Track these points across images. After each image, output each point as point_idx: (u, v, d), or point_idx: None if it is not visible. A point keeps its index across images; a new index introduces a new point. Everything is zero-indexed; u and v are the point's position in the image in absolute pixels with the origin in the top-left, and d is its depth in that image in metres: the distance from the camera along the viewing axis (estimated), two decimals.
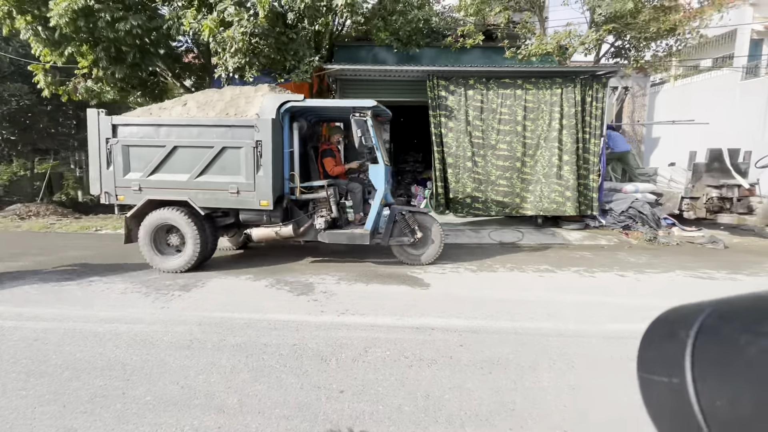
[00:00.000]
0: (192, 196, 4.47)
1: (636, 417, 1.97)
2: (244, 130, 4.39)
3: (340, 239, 4.77)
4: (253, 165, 4.38)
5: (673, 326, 0.41)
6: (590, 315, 3.32)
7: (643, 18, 6.79)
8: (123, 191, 4.61)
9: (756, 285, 4.22)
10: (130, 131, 4.58)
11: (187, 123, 4.50)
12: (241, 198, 4.47)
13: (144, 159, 4.53)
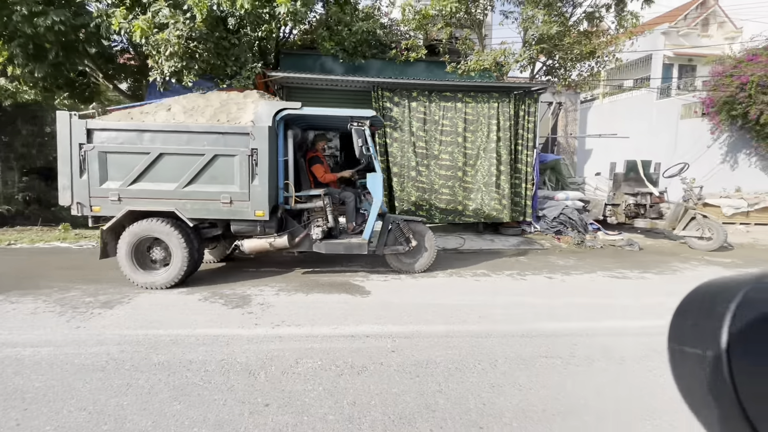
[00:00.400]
0: (180, 206, 4.19)
1: (545, 411, 2.14)
2: (239, 137, 4.19)
3: (338, 249, 4.69)
4: (248, 174, 4.18)
5: (711, 298, 0.40)
6: (518, 316, 3.53)
7: (568, 41, 7.45)
8: (99, 202, 4.20)
9: (662, 282, 4.73)
10: (109, 136, 4.17)
11: (176, 129, 4.19)
12: (234, 208, 4.24)
13: (124, 167, 4.17)
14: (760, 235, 7.45)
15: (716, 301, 0.37)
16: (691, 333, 0.40)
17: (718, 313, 0.36)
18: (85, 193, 4.17)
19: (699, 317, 0.40)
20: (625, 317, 3.53)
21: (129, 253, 4.13)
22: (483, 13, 8.66)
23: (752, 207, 8.07)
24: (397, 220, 4.83)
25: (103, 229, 4.25)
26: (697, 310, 0.41)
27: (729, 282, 0.38)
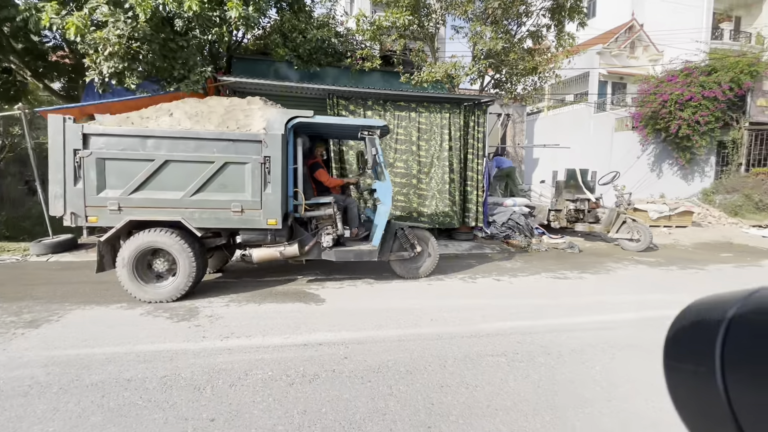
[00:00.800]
0: (187, 215, 3.99)
1: (490, 406, 2.25)
2: (251, 144, 4.07)
3: (348, 256, 4.65)
4: (260, 182, 4.08)
5: (703, 315, 0.40)
6: (467, 317, 3.68)
7: (513, 57, 7.95)
8: (96, 211, 3.91)
9: (598, 281, 5.13)
10: (107, 142, 3.89)
11: (184, 135, 3.97)
12: (245, 217, 4.11)
13: (125, 174, 3.91)
14: (680, 237, 8.32)
15: (709, 318, 0.38)
16: (685, 349, 0.41)
17: (710, 329, 0.37)
18: (80, 202, 3.88)
19: (692, 334, 0.40)
20: (565, 315, 3.79)
21: (130, 266, 3.91)
22: (435, 27, 9.01)
23: (673, 211, 9.01)
24: (402, 227, 4.91)
25: (101, 241, 3.97)
26: (690, 327, 0.41)
27: (720, 299, 0.39)
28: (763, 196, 11.84)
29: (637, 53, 21.94)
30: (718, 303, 0.39)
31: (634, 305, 4.10)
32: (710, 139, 12.62)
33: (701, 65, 13.07)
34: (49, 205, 3.99)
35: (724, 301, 0.38)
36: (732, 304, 0.37)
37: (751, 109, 12.93)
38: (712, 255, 6.97)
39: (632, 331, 3.38)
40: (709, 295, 0.42)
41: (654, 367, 2.36)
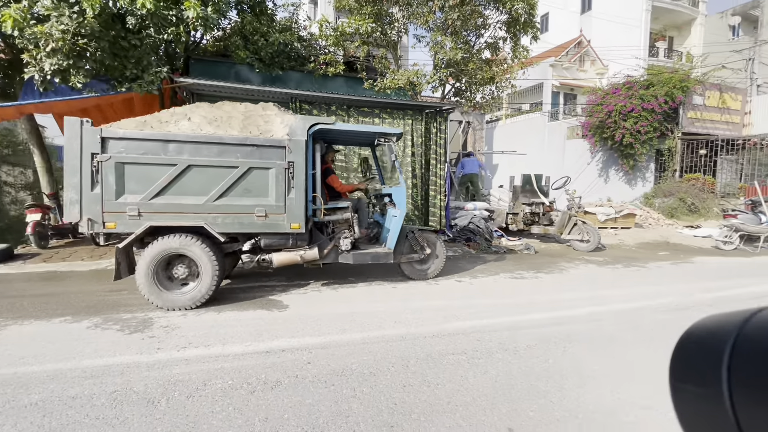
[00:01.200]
0: (210, 220, 3.97)
1: (450, 403, 2.33)
2: (275, 150, 4.14)
3: (365, 259, 4.79)
4: (284, 187, 4.16)
5: (708, 335, 0.40)
6: (430, 318, 3.77)
7: (472, 66, 8.28)
8: (114, 217, 3.81)
9: (552, 281, 5.42)
10: (127, 146, 3.79)
11: (208, 140, 3.94)
12: (269, 221, 4.16)
13: (145, 179, 3.83)
14: (625, 237, 8.98)
15: (713, 339, 0.38)
16: (691, 371, 0.40)
17: (716, 350, 0.36)
18: (97, 208, 3.76)
19: (698, 355, 0.40)
20: (521, 313, 3.98)
21: (151, 273, 3.82)
22: (398, 35, 9.20)
23: (618, 214, 9.71)
24: (412, 230, 5.10)
25: (119, 248, 3.89)
26: (695, 348, 0.41)
27: (723, 320, 0.39)
28: (694, 199, 13.01)
29: (586, 67, 23.51)
30: (722, 323, 0.39)
31: (584, 301, 4.37)
32: (649, 148, 13.72)
33: (640, 80, 14.22)
34: (64, 211, 3.84)
35: (728, 321, 0.38)
36: (736, 324, 0.37)
37: (683, 121, 14.19)
38: (652, 253, 7.58)
39: (582, 325, 3.61)
40: (712, 315, 0.42)
41: (601, 357, 2.55)
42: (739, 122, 15.15)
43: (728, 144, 14.26)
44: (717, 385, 0.35)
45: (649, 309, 4.13)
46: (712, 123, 14.70)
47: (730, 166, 15.31)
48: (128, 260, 4.13)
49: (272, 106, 4.69)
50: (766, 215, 8.04)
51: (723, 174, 15.17)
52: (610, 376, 2.66)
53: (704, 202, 13.01)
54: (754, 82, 17.31)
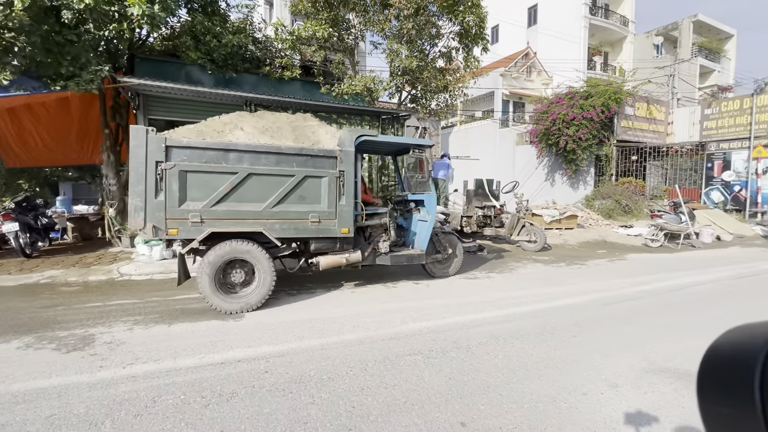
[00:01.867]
0: (268, 226, 4.17)
1: (406, 402, 2.42)
2: (327, 160, 4.41)
3: (401, 260, 5.17)
4: (335, 194, 4.43)
5: (736, 350, 0.37)
6: (388, 320, 3.86)
7: (426, 75, 8.55)
8: (177, 224, 3.89)
9: (502, 280, 5.72)
10: (190, 155, 3.90)
11: (268, 150, 4.15)
12: (322, 227, 4.43)
13: (207, 186, 3.96)
14: (568, 237, 9.67)
15: (743, 355, 0.36)
16: (720, 389, 0.38)
17: (747, 366, 0.34)
18: (161, 214, 3.84)
19: (727, 372, 0.38)
20: (474, 312, 4.18)
21: (212, 278, 3.97)
22: (354, 41, 9.29)
23: (562, 215, 10.44)
24: (436, 232, 5.50)
25: (182, 253, 4.14)
26: (723, 365, 0.39)
27: (751, 333, 0.38)
28: (628, 201, 14.25)
29: (533, 77, 24.99)
30: (751, 337, 0.37)
31: (532, 299, 4.68)
32: (590, 154, 14.84)
33: (581, 90, 15.37)
34: (129, 219, 3.90)
35: (757, 335, 0.36)
36: (763, 341, 0.35)
37: (617, 129, 15.50)
38: (592, 252, 8.23)
39: (530, 321, 3.87)
40: (738, 327, 0.40)
41: (545, 350, 2.76)
42: (663, 131, 16.81)
43: (655, 151, 15.77)
44: (749, 404, 0.33)
45: (588, 303, 4.50)
46: (642, 132, 16.20)
47: (657, 171, 16.94)
48: (184, 267, 4.35)
49: (311, 117, 5.03)
50: (685, 215, 9.02)
51: (651, 178, 16.73)
52: (553, 367, 2.89)
53: (636, 203, 14.28)
54: (675, 96, 19.34)
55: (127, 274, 5.68)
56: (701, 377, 0.41)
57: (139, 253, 6.73)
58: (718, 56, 27.46)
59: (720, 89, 24.69)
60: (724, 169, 14.29)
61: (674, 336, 3.53)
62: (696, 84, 24.85)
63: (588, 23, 24.29)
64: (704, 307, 4.42)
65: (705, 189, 14.84)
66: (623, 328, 3.72)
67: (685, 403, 2.41)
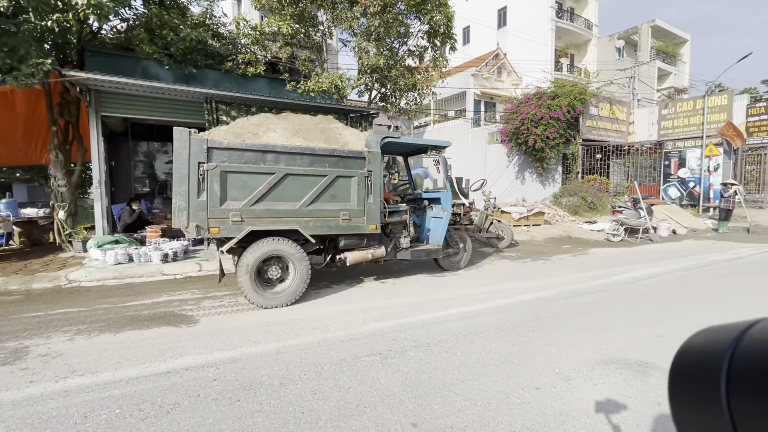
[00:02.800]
0: (303, 224, 4.37)
1: (359, 405, 2.35)
2: (356, 160, 4.61)
3: (420, 255, 5.49)
4: (364, 192, 4.64)
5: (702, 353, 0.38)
6: (349, 321, 3.78)
7: (395, 73, 8.52)
8: (218, 222, 4.03)
9: (468, 276, 5.75)
10: (230, 155, 4.06)
11: (303, 151, 4.33)
12: (352, 224, 4.63)
13: (246, 186, 4.13)
14: (535, 233, 9.89)
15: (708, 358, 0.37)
16: (688, 391, 0.39)
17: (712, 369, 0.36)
18: (203, 214, 3.98)
19: (694, 375, 0.39)
20: (437, 309, 4.16)
21: (252, 274, 4.12)
22: (323, 38, 9.14)
23: (530, 212, 10.66)
24: (448, 229, 5.79)
25: (223, 251, 4.28)
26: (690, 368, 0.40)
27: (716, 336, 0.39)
28: (593, 198, 14.77)
29: (503, 77, 25.50)
30: (715, 340, 0.38)
31: (495, 295, 4.72)
32: (557, 152, 15.27)
33: (548, 91, 15.78)
34: (173, 218, 3.96)
35: (721, 338, 0.37)
36: (730, 340, 0.36)
37: (582, 129, 16.02)
38: (557, 247, 8.44)
39: (491, 317, 3.89)
40: (705, 330, 0.42)
41: (503, 346, 2.75)
42: (625, 131, 17.53)
43: (617, 149, 16.41)
44: (717, 404, 0.34)
45: (549, 298, 4.58)
46: (605, 131, 16.81)
47: (620, 169, 17.66)
48: (220, 265, 4.60)
49: (333, 119, 5.18)
50: (643, 210, 9.41)
51: (615, 175, 17.41)
52: (510, 362, 2.90)
53: (600, 200, 14.80)
54: (636, 97, 20.24)
55: (76, 281, 5.34)
56: (671, 382, 0.42)
57: (91, 258, 6.36)
58: (675, 60, 28.96)
59: (676, 91, 26.05)
60: (680, 166, 15.04)
61: (627, 327, 3.63)
62: (655, 86, 26.10)
63: (554, 26, 25.02)
64: (656, 299, 4.59)
65: (663, 185, 15.58)
66: (580, 321, 3.80)
67: (632, 393, 2.47)
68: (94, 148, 6.83)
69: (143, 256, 6.13)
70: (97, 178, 6.86)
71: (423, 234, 6.00)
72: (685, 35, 29.09)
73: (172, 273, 5.81)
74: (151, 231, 7.20)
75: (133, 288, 5.11)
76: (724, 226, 10.77)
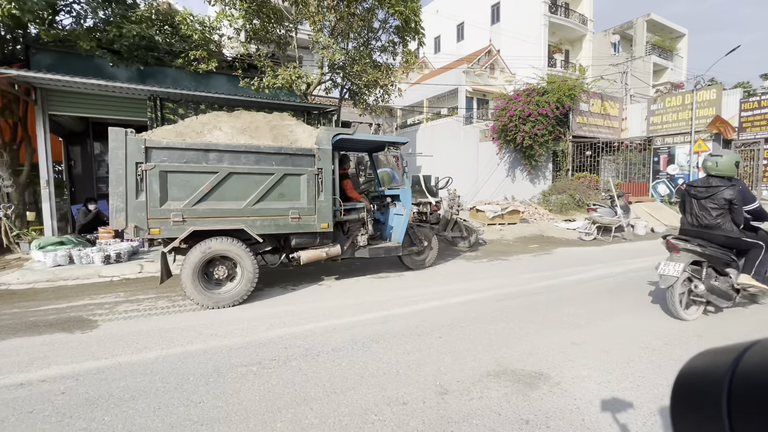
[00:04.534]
0: (249, 223, 4.30)
1: (197, 422, 2.16)
2: (305, 158, 4.55)
3: (379, 253, 5.39)
4: (314, 190, 4.57)
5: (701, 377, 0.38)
6: (253, 327, 3.58)
7: (357, 69, 8.29)
8: (159, 223, 3.99)
9: (414, 277, 5.53)
10: (170, 155, 4.00)
11: (247, 149, 4.26)
12: (302, 222, 4.57)
13: (188, 186, 4.07)
14: (508, 232, 9.62)
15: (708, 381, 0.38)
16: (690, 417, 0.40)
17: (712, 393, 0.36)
18: (142, 215, 3.92)
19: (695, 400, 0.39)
20: (355, 314, 3.94)
21: (195, 274, 4.07)
22: (287, 33, 8.94)
23: (504, 211, 10.39)
24: (411, 226, 5.78)
25: (164, 252, 4.25)
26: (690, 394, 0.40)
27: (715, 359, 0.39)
28: (582, 195, 14.42)
29: (496, 74, 25.13)
30: (714, 363, 0.39)
31: (427, 297, 4.49)
32: (547, 149, 14.94)
33: (537, 87, 15.42)
34: (110, 219, 3.93)
35: (720, 361, 0.38)
36: (729, 363, 0.36)
37: (572, 125, 15.66)
38: (523, 247, 8.18)
39: (404, 322, 3.67)
40: (703, 353, 0.42)
41: (396, 355, 2.49)
42: (618, 127, 17.13)
43: (608, 146, 16.03)
44: (719, 426, 0.35)
45: (482, 300, 4.35)
46: (597, 127, 16.43)
47: (610, 166, 17.25)
48: (166, 266, 4.39)
49: (288, 116, 5.07)
50: (618, 208, 9.09)
51: (605, 172, 17.02)
52: (393, 373, 2.68)
53: (589, 198, 14.44)
54: (628, 92, 19.78)
55: (5, 284, 5.21)
56: (673, 405, 0.42)
57: (34, 259, 6.23)
58: (671, 54, 28.33)
59: (673, 86, 25.48)
60: (669, 162, 14.64)
61: (544, 333, 3.39)
62: (650, 81, 25.55)
63: (548, 21, 24.58)
64: (593, 301, 4.33)
65: (652, 182, 15.19)
66: (498, 325, 3.56)
67: (505, 410, 2.24)
68: (42, 148, 6.72)
69: (84, 258, 5.99)
70: (45, 179, 6.74)
71: (386, 231, 5.90)
72: (682, 29, 28.45)
73: (110, 275, 5.67)
74: (103, 232, 7.06)
75: (61, 291, 4.96)
76: None
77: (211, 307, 4.09)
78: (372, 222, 5.53)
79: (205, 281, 4.19)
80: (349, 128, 6.36)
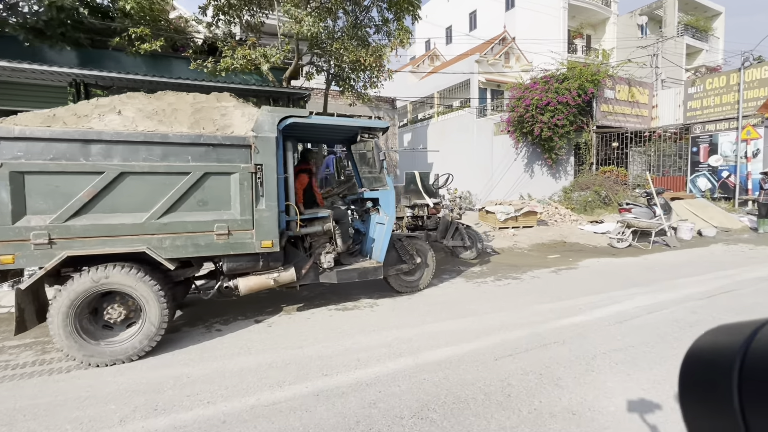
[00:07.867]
0: (154, 244, 3.12)
1: None
2: (237, 150, 3.33)
3: (351, 276, 4.10)
4: (251, 196, 3.38)
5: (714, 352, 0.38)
6: (109, 413, 2.31)
7: (336, 47, 6.95)
8: (11, 248, 2.80)
9: (388, 312, 4.18)
10: (28, 148, 2.82)
11: (148, 139, 3.07)
12: (233, 240, 3.34)
13: (58, 193, 2.90)
14: (523, 238, 8.10)
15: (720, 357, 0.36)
16: (700, 390, 0.38)
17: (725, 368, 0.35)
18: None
19: (706, 374, 0.38)
20: (268, 387, 2.62)
21: (70, 319, 2.90)
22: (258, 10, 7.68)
23: (518, 212, 8.84)
24: (400, 237, 4.60)
25: (20, 289, 2.96)
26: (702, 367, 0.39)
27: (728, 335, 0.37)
28: (608, 192, 12.72)
29: (511, 63, 23.38)
30: (728, 340, 0.37)
31: (389, 350, 3.11)
32: (568, 141, 13.31)
33: (556, 74, 13.74)
34: None
35: (734, 338, 0.36)
36: (742, 340, 0.35)
37: (596, 114, 13.94)
38: (541, 257, 6.67)
39: (335, 409, 2.31)
40: (718, 327, 0.41)
41: None
42: (647, 115, 15.30)
43: (637, 136, 14.24)
44: (729, 406, 0.33)
45: (473, 359, 2.94)
46: (624, 116, 14.68)
47: (640, 158, 15.39)
48: (38, 303, 3.19)
49: (228, 97, 3.82)
50: (658, 208, 7.46)
51: (634, 165, 15.20)
52: None
53: (617, 194, 12.76)
54: (659, 77, 17.74)
55: None
56: (682, 384, 0.41)
57: None
58: (706, 35, 25.84)
59: (708, 69, 23.07)
60: (711, 153, 12.74)
61: None
62: (683, 64, 23.29)
63: (567, 4, 22.70)
64: (642, 357, 2.86)
65: (691, 176, 13.30)
66: (487, 421, 2.16)
67: None
68: None
69: None
70: None
71: (366, 246, 4.56)
72: (718, 7, 25.91)
73: None
74: None
75: None
76: (766, 225, 8.61)
77: (92, 363, 2.92)
78: (343, 235, 4.22)
79: (90, 324, 3.02)
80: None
